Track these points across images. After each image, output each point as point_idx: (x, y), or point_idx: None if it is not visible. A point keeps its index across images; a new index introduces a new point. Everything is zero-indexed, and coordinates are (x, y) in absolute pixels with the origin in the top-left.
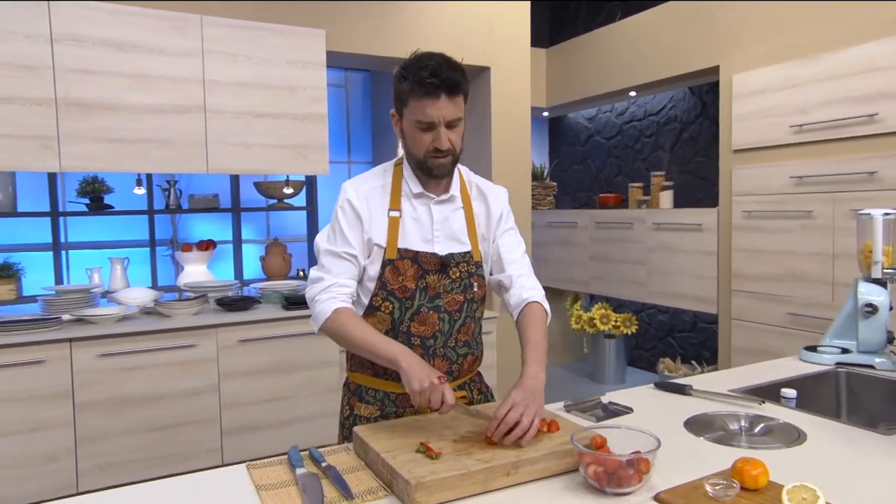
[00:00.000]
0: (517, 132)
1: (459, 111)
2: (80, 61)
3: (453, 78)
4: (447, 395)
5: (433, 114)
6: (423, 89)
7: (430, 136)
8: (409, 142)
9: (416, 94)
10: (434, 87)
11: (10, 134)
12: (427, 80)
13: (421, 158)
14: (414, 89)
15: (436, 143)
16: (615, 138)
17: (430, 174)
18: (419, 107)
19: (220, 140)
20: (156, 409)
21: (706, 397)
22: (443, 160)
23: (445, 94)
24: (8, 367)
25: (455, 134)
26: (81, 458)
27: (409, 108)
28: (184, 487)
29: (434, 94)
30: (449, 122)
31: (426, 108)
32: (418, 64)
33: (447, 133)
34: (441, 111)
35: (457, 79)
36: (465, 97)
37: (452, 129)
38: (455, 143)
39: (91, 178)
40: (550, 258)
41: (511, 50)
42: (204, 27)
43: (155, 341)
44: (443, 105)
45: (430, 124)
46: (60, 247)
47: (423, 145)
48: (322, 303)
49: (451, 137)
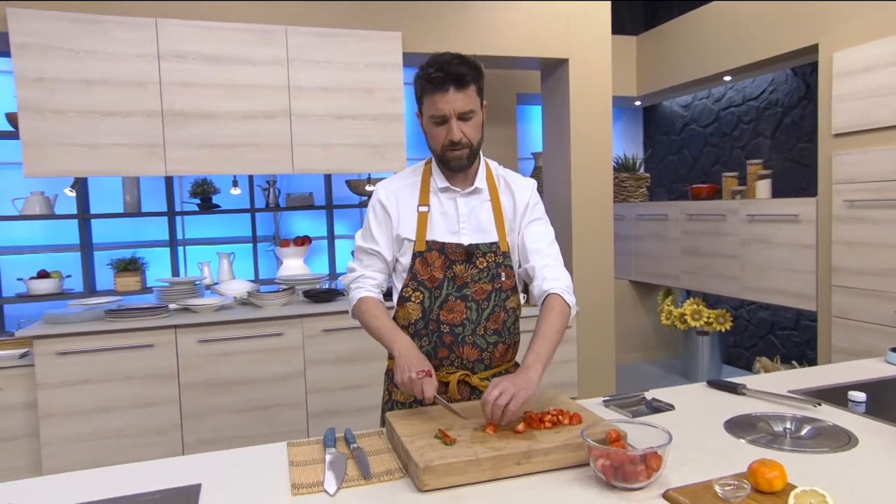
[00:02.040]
0: (598, 124)
1: (471, 103)
2: (181, 75)
3: (459, 71)
4: (426, 389)
5: (443, 107)
6: (432, 84)
7: (445, 130)
8: (428, 138)
9: (428, 91)
10: (440, 80)
11: (125, 143)
12: (433, 75)
13: (439, 152)
14: (425, 86)
15: (449, 135)
16: (712, 126)
17: (449, 167)
18: (431, 102)
19: (303, 142)
20: (249, 392)
21: (759, 397)
22: (458, 153)
23: (454, 87)
24: (124, 349)
25: (469, 126)
26: (186, 433)
27: (424, 105)
28: (229, 459)
29: (442, 88)
30: (460, 113)
31: (437, 102)
32: (429, 62)
33: (460, 125)
34: (451, 104)
35: (462, 71)
36: (480, 91)
37: (466, 122)
38: (469, 134)
39: (201, 181)
40: (641, 252)
41: (590, 41)
42: (289, 37)
43: (247, 329)
44: (452, 98)
45: (443, 118)
46: (177, 243)
47: (440, 139)
48: (352, 291)
49: (464, 129)
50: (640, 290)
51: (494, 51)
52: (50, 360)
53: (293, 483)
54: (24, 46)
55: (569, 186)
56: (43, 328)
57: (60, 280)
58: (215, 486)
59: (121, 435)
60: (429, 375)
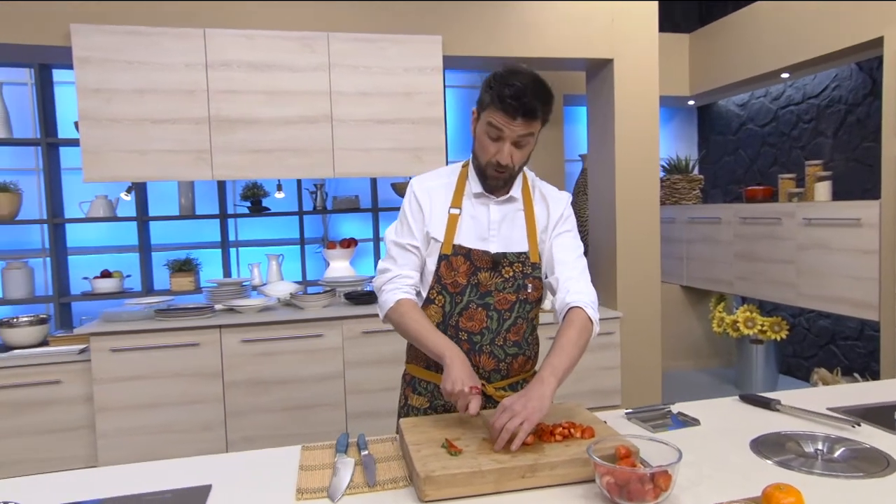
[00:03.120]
0: (644, 125)
1: (531, 129)
2: (227, 83)
3: (532, 105)
4: (472, 406)
5: (504, 130)
6: (503, 106)
7: (496, 148)
8: (477, 144)
9: (495, 108)
10: (513, 108)
11: (174, 149)
12: (508, 101)
13: (483, 166)
14: (494, 102)
15: (498, 156)
16: (770, 125)
17: (484, 183)
18: (494, 117)
19: (344, 146)
20: (290, 391)
21: (794, 414)
22: (500, 175)
23: (522, 118)
24: (172, 347)
25: (520, 151)
26: (230, 430)
27: (486, 113)
28: (242, 460)
29: (510, 115)
30: (517, 140)
31: (500, 122)
32: (506, 80)
33: (512, 150)
34: (513, 131)
35: (535, 107)
36: (544, 121)
37: (519, 148)
38: (517, 160)
39: (251, 184)
40: (693, 256)
41: (636, 40)
42: (330, 43)
43: (288, 330)
44: (517, 126)
45: (500, 136)
46: (229, 245)
47: (488, 154)
48: (387, 293)
49: (514, 155)
50: (692, 296)
51: (537, 52)
52: (105, 356)
53: (298, 488)
54: (86, 60)
55: (613, 188)
56: (99, 326)
57: (121, 279)
58: (225, 487)
59: (169, 430)
60: (479, 392)
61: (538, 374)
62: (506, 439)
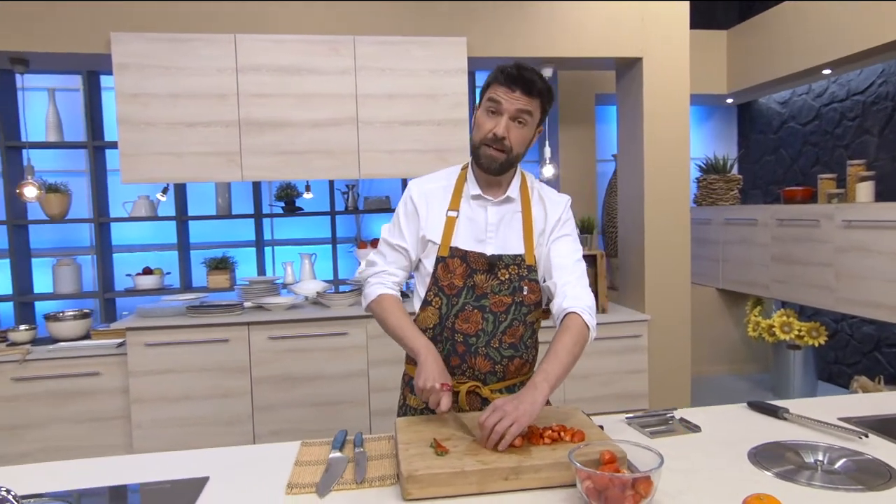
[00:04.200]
0: (674, 124)
1: (529, 105)
2: (257, 86)
3: (531, 78)
4: (442, 402)
5: (503, 102)
6: (504, 77)
7: (493, 122)
8: (475, 129)
9: (497, 81)
10: (513, 78)
11: (206, 151)
12: (510, 71)
13: (477, 144)
14: (497, 77)
15: (496, 128)
16: (812, 123)
17: (479, 163)
18: (494, 91)
19: (369, 148)
20: (315, 388)
21: (801, 423)
22: (494, 152)
23: (521, 90)
24: (203, 343)
25: (518, 130)
26: (257, 424)
27: (487, 92)
28: (243, 454)
29: (511, 86)
30: (515, 113)
31: (499, 94)
32: (510, 64)
33: (509, 125)
34: (512, 103)
35: (534, 80)
36: (543, 108)
37: (517, 126)
38: (514, 139)
39: (285, 185)
40: (729, 258)
41: (666, 39)
42: (356, 46)
43: (314, 328)
44: (515, 98)
45: (498, 109)
46: (263, 244)
47: (485, 130)
48: (371, 286)
49: (511, 131)
50: (728, 299)
51: (564, 52)
52: (140, 350)
53: (289, 482)
54: (125, 66)
55: (641, 189)
56: (135, 321)
57: (161, 276)
58: (222, 479)
59: (199, 422)
60: (449, 390)
61: (531, 379)
62: (495, 440)
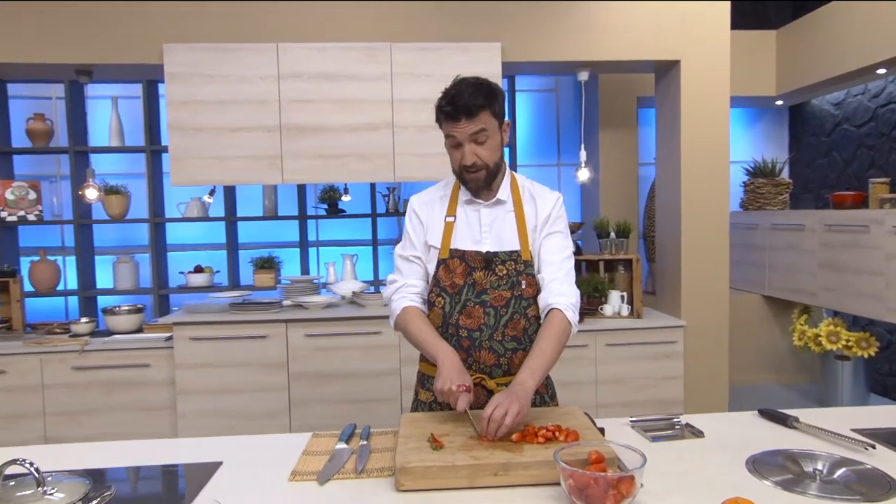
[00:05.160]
0: (713, 127)
1: (482, 124)
2: (297, 93)
3: (467, 103)
4: (459, 403)
5: (456, 133)
6: (445, 115)
7: (459, 154)
8: (450, 161)
9: (442, 119)
10: (452, 113)
11: (249, 155)
12: (444, 108)
13: (457, 172)
14: (439, 116)
15: (463, 159)
16: (867, 125)
17: (467, 187)
18: (446, 128)
19: (404, 152)
20: (349, 385)
21: (808, 433)
22: (474, 175)
23: (465, 117)
24: (243, 339)
25: (484, 149)
26: (294, 418)
27: (443, 130)
28: (258, 442)
29: (454, 118)
30: (472, 136)
31: (450, 129)
32: (443, 95)
33: (473, 149)
34: (463, 131)
35: (470, 103)
36: (496, 113)
37: (480, 145)
38: (484, 156)
39: (328, 187)
40: (775, 265)
41: (705, 40)
42: (393, 53)
43: (349, 326)
44: (463, 126)
45: (456, 142)
46: (308, 244)
47: (456, 162)
48: (394, 302)
49: (478, 152)
50: (775, 307)
51: (599, 55)
52: (185, 343)
53: (293, 470)
54: (175, 75)
55: (679, 192)
56: (181, 316)
57: (211, 274)
58: (234, 465)
59: (239, 415)
60: (467, 391)
61: (518, 376)
62: (493, 429)
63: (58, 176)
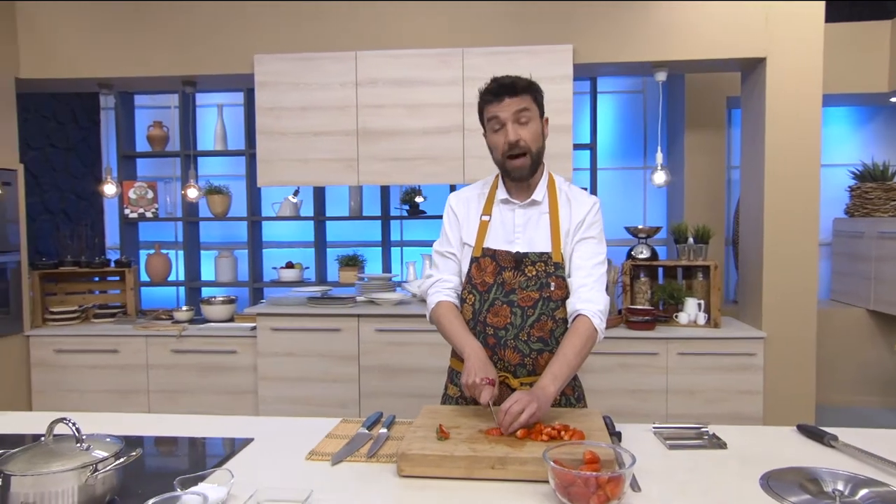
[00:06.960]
0: (801, 129)
1: (522, 103)
2: (373, 98)
3: (509, 81)
4: (483, 396)
5: (500, 113)
6: (489, 95)
7: (503, 135)
8: (491, 148)
9: (486, 102)
10: (495, 90)
11: (328, 158)
12: (489, 87)
13: (500, 160)
14: (484, 99)
15: (507, 137)
16: None
17: (510, 176)
18: (489, 111)
19: (474, 154)
20: (415, 380)
21: (844, 452)
22: (517, 162)
23: (508, 96)
24: (319, 331)
25: (527, 130)
26: (363, 409)
27: (484, 116)
28: (290, 424)
29: (497, 98)
30: (516, 113)
31: (493, 109)
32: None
33: (516, 127)
34: (506, 109)
35: (513, 81)
36: (537, 101)
37: (523, 126)
38: (527, 138)
39: (410, 189)
40: (882, 277)
41: (795, 36)
42: (465, 58)
43: (415, 323)
44: (507, 104)
45: (500, 122)
46: (391, 244)
47: (500, 146)
48: (430, 297)
49: (521, 132)
50: (881, 322)
51: (675, 55)
52: (267, 333)
53: (312, 450)
54: (264, 84)
55: (762, 197)
56: (265, 308)
57: (300, 271)
58: (263, 442)
59: (312, 402)
60: (491, 384)
61: (539, 380)
62: (508, 422)
63: (172, 177)
